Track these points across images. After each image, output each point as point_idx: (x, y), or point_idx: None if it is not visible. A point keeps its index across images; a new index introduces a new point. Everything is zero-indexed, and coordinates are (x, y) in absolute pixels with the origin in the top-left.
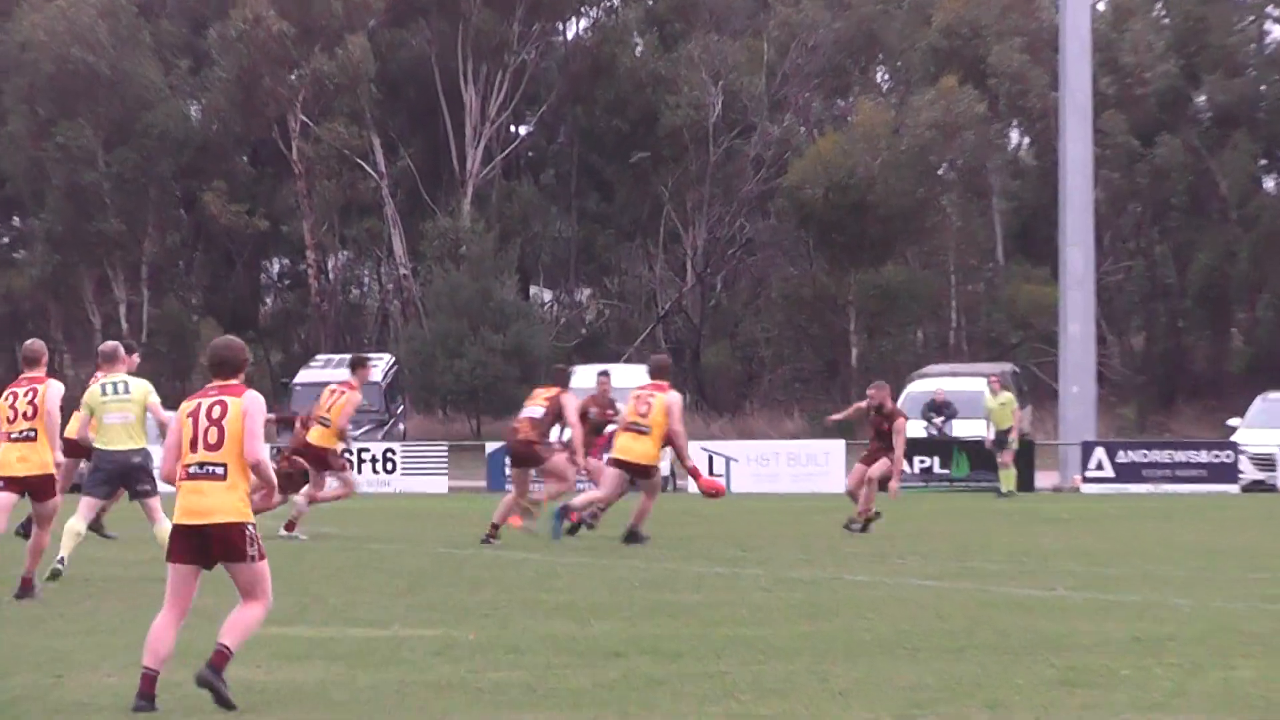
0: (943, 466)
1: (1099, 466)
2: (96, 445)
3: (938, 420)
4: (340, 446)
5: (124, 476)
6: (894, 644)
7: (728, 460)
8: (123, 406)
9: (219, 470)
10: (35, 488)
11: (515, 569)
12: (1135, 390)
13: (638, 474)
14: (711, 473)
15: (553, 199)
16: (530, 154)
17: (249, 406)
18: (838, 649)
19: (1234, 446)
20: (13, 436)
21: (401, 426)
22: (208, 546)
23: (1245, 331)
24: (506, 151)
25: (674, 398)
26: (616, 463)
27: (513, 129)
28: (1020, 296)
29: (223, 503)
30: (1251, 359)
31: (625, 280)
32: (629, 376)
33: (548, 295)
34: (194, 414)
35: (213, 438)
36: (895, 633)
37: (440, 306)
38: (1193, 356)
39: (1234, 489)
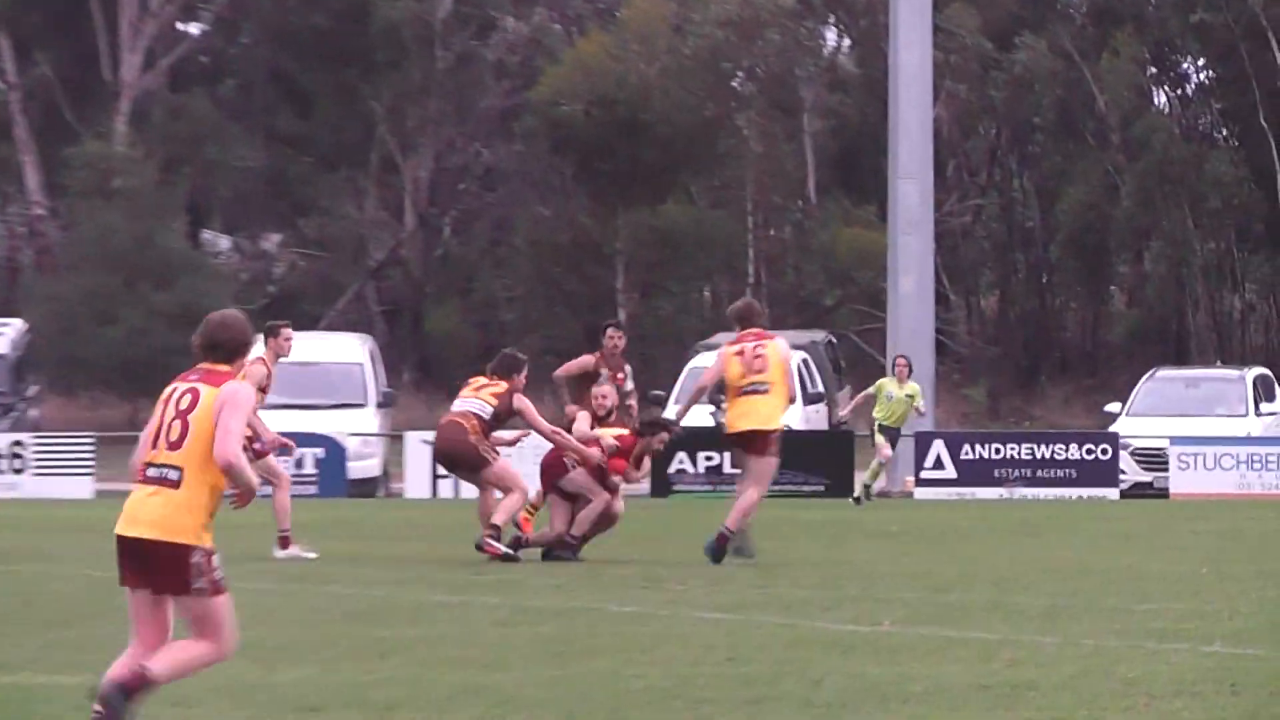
0: (735, 465)
1: (937, 464)
2: None
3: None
4: None
5: None
6: (671, 694)
7: None
8: None
9: (173, 475)
10: None
11: None
12: (986, 366)
13: (756, 448)
14: (436, 475)
15: (233, 117)
16: (204, 58)
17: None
18: (597, 701)
19: (1113, 439)
20: None
21: (34, 413)
22: (145, 567)
23: (1129, 290)
24: (174, 55)
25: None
26: (736, 438)
27: (181, 25)
28: (838, 244)
29: (166, 516)
30: (1136, 325)
31: (327, 223)
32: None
33: (226, 242)
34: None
35: (175, 433)
36: (673, 680)
37: (87, 257)
38: (1061, 322)
39: (1113, 494)
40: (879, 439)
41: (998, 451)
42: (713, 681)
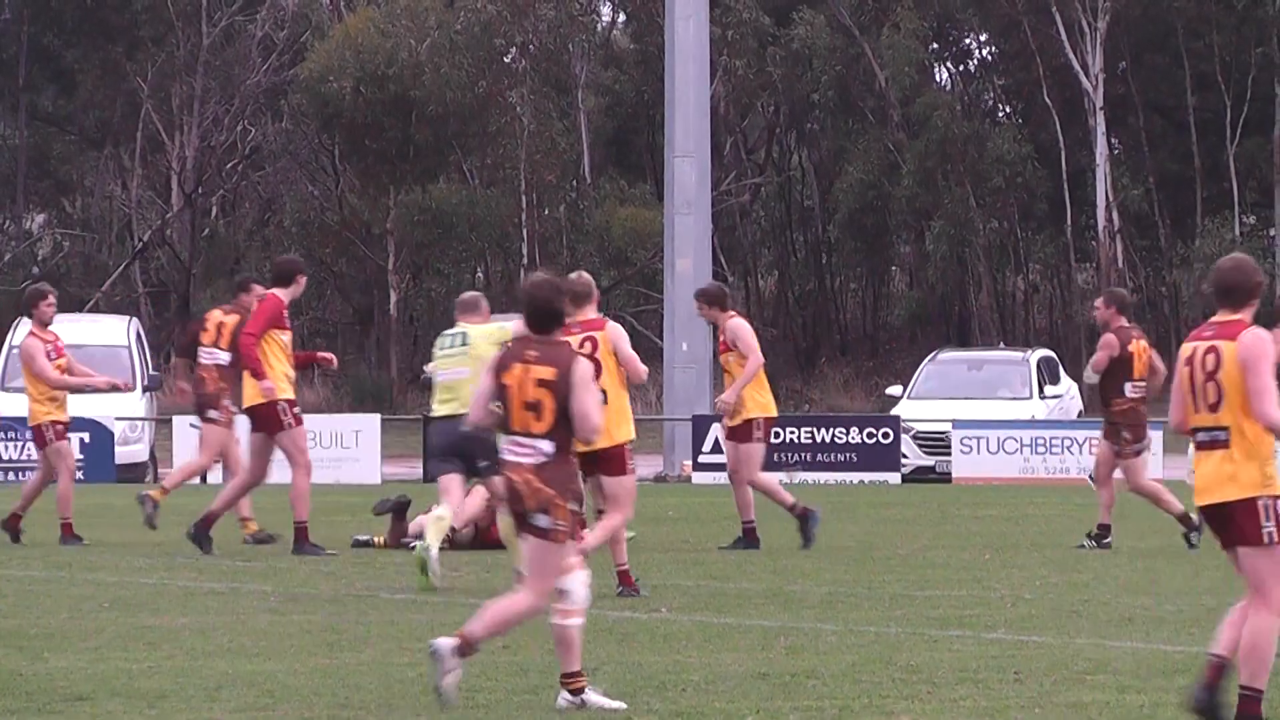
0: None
1: (716, 449)
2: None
3: None
4: None
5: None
6: None
7: None
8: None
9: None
10: None
11: None
12: (765, 348)
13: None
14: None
15: None
16: None
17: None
18: (369, 690)
19: (894, 422)
20: None
21: None
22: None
23: (910, 270)
24: None
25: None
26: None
27: None
28: (614, 224)
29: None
30: (918, 307)
31: (91, 203)
32: (89, 329)
33: None
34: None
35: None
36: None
37: None
38: (841, 303)
39: (894, 478)
40: None
41: (777, 435)
42: (487, 670)
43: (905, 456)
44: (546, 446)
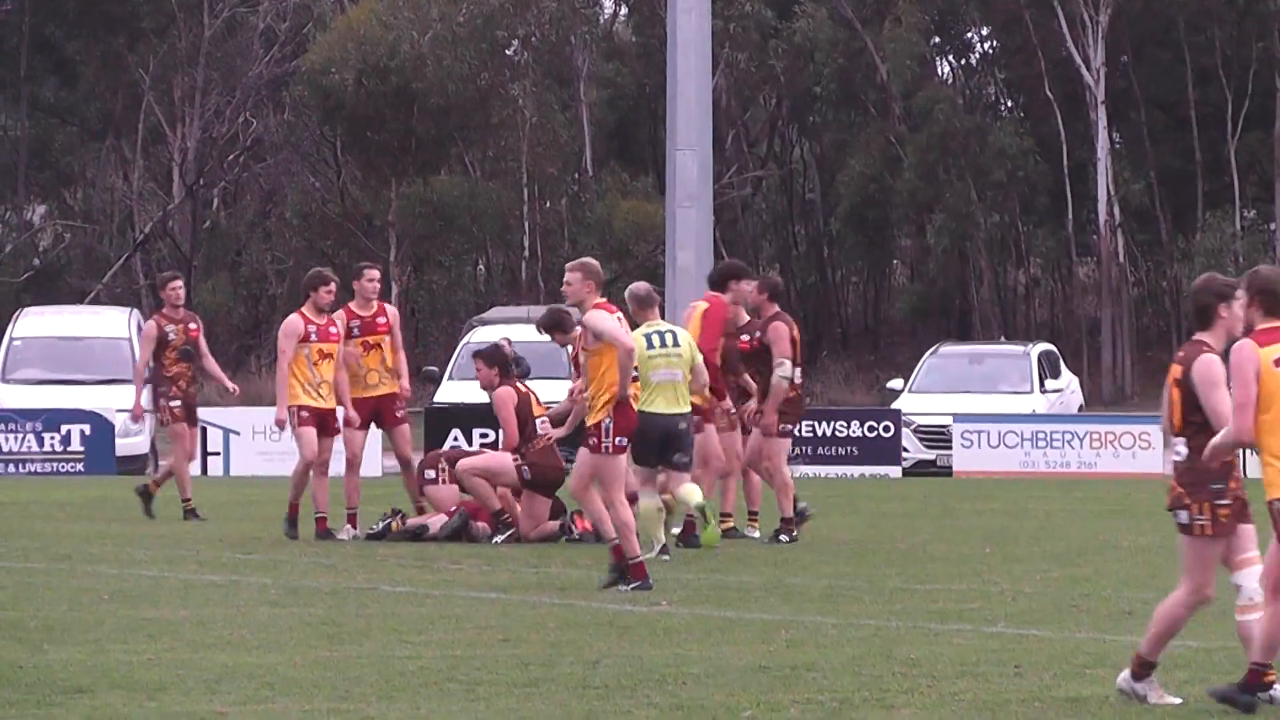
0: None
1: None
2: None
3: None
4: None
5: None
6: (445, 676)
7: (226, 433)
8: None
9: None
10: None
11: None
12: None
13: None
14: (206, 451)
15: None
16: None
17: None
18: (369, 682)
19: (896, 416)
20: None
21: None
22: None
23: (911, 264)
24: None
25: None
26: None
27: None
28: (616, 216)
29: None
30: (919, 301)
31: (93, 194)
32: (90, 321)
33: None
34: None
35: None
36: (447, 661)
37: None
38: (842, 296)
39: (895, 472)
40: None
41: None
42: (487, 663)
43: (906, 450)
44: (1181, 447)
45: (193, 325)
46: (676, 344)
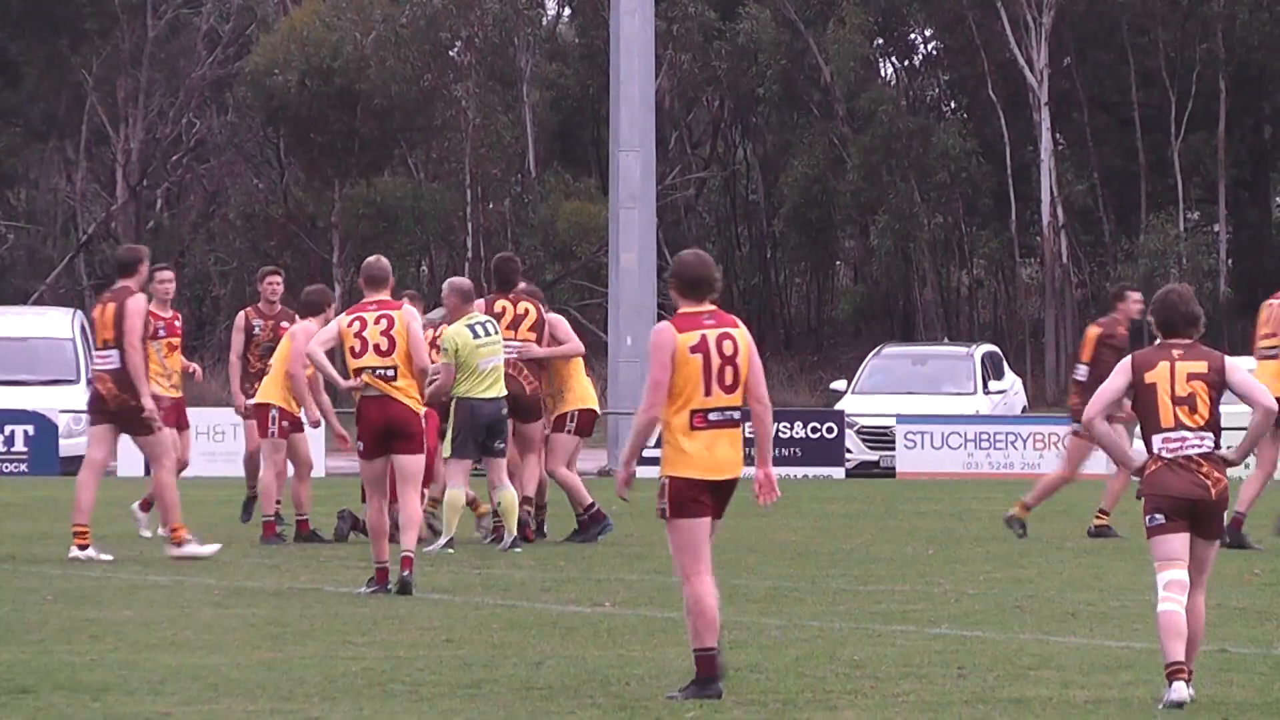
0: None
1: (658, 443)
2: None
3: None
4: None
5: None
6: (389, 677)
7: None
8: None
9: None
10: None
11: None
12: None
13: None
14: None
15: None
16: None
17: None
18: (313, 683)
19: (839, 417)
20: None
21: None
22: None
23: (855, 265)
24: None
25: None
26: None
27: None
28: (559, 217)
29: None
30: (863, 302)
31: (36, 195)
32: (33, 322)
33: None
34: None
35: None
36: (391, 663)
37: None
38: (785, 297)
39: (839, 473)
40: None
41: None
42: (431, 664)
43: (849, 451)
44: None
45: (284, 324)
46: (496, 332)
